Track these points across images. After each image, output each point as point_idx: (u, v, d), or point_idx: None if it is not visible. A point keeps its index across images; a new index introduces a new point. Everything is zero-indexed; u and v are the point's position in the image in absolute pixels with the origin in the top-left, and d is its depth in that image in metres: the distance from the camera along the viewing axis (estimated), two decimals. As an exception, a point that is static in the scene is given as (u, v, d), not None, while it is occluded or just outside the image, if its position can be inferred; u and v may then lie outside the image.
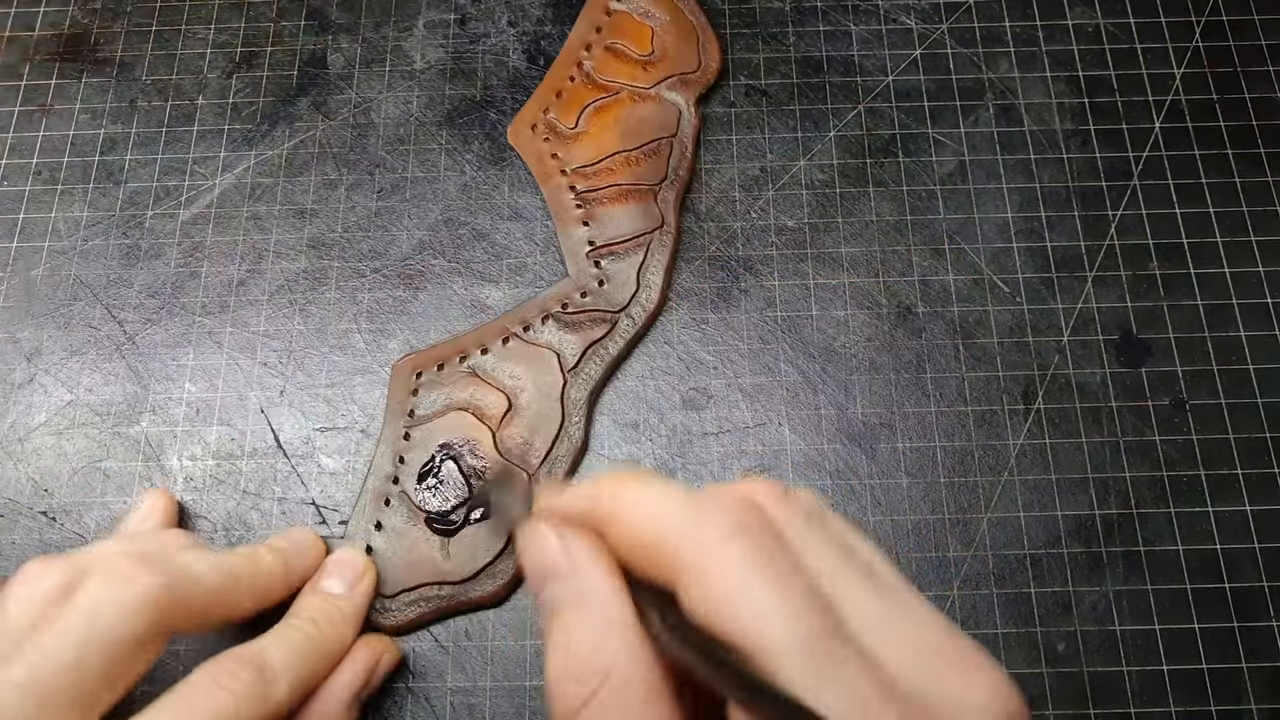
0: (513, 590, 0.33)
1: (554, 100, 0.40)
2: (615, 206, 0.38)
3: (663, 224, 0.38)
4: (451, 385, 0.35)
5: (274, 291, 0.38)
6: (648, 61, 0.40)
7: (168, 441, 0.36)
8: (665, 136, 0.39)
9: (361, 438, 0.35)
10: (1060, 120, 0.40)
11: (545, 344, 0.36)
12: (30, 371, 0.37)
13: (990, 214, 0.38)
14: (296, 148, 0.40)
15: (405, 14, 0.43)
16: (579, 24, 0.42)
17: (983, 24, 0.42)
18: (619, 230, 0.38)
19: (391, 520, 0.34)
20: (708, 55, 0.41)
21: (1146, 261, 0.37)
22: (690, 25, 0.41)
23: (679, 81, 0.40)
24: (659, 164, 0.39)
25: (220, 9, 0.43)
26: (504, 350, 0.36)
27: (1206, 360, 0.36)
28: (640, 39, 0.41)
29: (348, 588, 0.31)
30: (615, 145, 0.39)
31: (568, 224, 0.38)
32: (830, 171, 0.39)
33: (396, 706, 0.32)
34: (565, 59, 0.41)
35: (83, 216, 0.39)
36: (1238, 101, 0.40)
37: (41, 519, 0.35)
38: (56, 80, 0.42)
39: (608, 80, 0.40)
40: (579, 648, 0.19)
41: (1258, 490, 0.34)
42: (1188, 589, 0.33)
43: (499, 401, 0.35)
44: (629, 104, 0.40)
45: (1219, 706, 0.32)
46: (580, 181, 0.38)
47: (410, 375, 0.36)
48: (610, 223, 0.38)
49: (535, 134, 0.40)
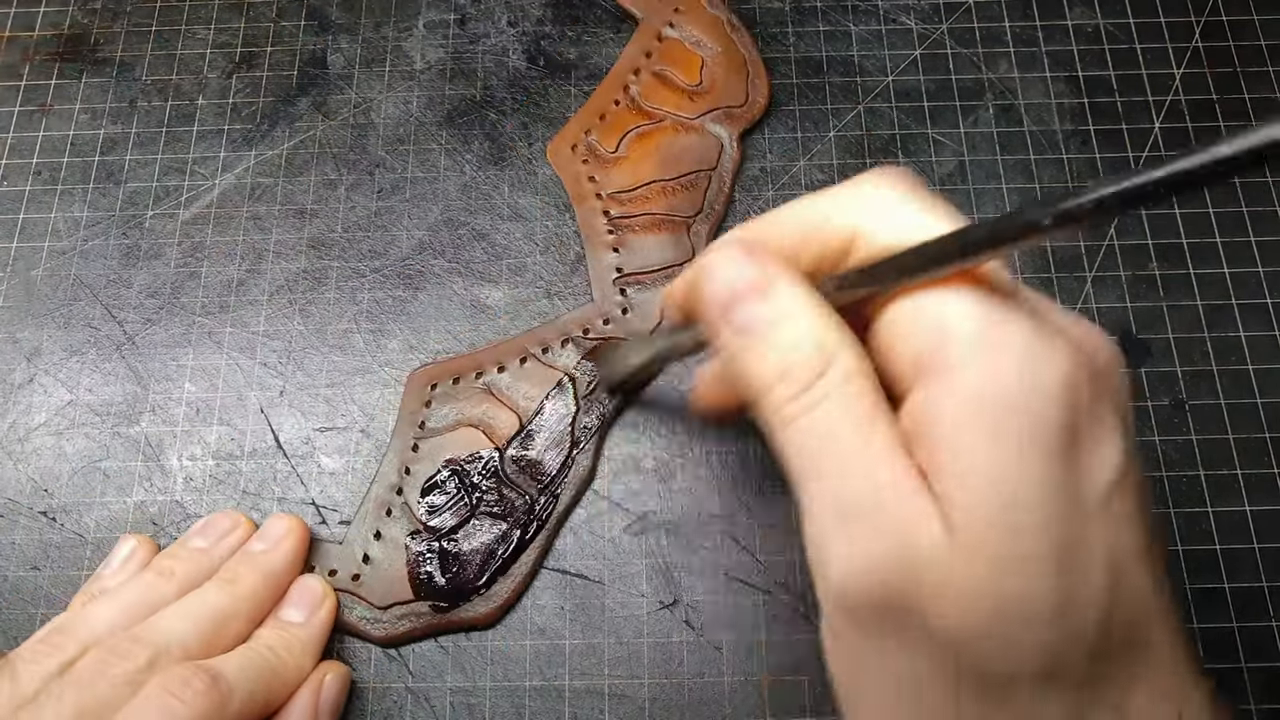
0: (505, 612, 0.33)
1: (597, 122, 0.40)
2: (647, 235, 0.38)
3: (693, 257, 0.37)
4: (465, 400, 0.35)
5: (274, 291, 0.38)
6: (695, 92, 0.40)
7: (168, 441, 0.36)
8: (705, 169, 0.39)
9: (361, 438, 0.36)
10: (1060, 120, 0.40)
11: (562, 368, 0.36)
12: (30, 371, 0.37)
13: (990, 214, 0.38)
14: (296, 148, 0.40)
15: (405, 14, 0.43)
16: (629, 47, 0.41)
17: (983, 24, 0.42)
18: (648, 260, 0.37)
19: (391, 531, 0.34)
20: (756, 90, 0.40)
21: (1146, 262, 0.37)
22: (741, 59, 0.41)
23: (724, 115, 0.40)
24: (695, 197, 0.38)
25: (220, 9, 0.43)
26: (520, 370, 0.36)
27: (1206, 360, 0.36)
28: (690, 68, 0.40)
29: (306, 616, 0.31)
30: (653, 174, 0.39)
31: (598, 248, 0.38)
32: (830, 171, 0.39)
33: (396, 706, 0.32)
34: (612, 81, 0.40)
35: (83, 216, 0.39)
36: (1237, 101, 0.40)
37: (41, 519, 0.35)
38: (56, 80, 0.42)
39: (653, 107, 0.40)
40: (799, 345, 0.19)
41: (1257, 490, 0.34)
42: (1187, 589, 0.33)
43: (510, 421, 0.35)
44: (672, 133, 0.39)
45: (1219, 706, 0.32)
46: (615, 207, 0.38)
47: (425, 386, 0.36)
48: (640, 251, 0.37)
49: (575, 154, 0.39)
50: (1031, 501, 0.17)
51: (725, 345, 0.21)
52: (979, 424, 0.17)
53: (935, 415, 0.18)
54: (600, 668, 0.32)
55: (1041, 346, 0.18)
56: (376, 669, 0.32)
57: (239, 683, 0.27)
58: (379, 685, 0.32)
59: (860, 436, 0.19)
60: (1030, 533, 0.17)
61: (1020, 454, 0.17)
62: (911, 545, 0.18)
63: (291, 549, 0.32)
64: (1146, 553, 0.19)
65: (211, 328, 0.37)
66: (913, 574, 0.18)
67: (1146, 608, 0.19)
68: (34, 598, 0.34)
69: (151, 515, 0.35)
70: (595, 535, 0.34)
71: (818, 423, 0.19)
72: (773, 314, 0.20)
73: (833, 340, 0.20)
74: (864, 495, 0.18)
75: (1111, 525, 0.18)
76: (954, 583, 0.17)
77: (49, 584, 0.34)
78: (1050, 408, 0.17)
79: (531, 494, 0.34)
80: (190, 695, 0.26)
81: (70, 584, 0.34)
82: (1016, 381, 0.17)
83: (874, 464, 0.19)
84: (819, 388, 0.19)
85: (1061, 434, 0.17)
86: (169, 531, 0.34)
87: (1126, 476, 0.18)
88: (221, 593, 0.30)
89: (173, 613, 0.29)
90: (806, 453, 0.19)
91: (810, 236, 0.21)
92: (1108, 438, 0.18)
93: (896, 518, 0.18)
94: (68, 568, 0.34)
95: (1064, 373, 0.18)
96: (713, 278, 0.21)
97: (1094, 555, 0.18)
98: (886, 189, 0.21)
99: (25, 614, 0.33)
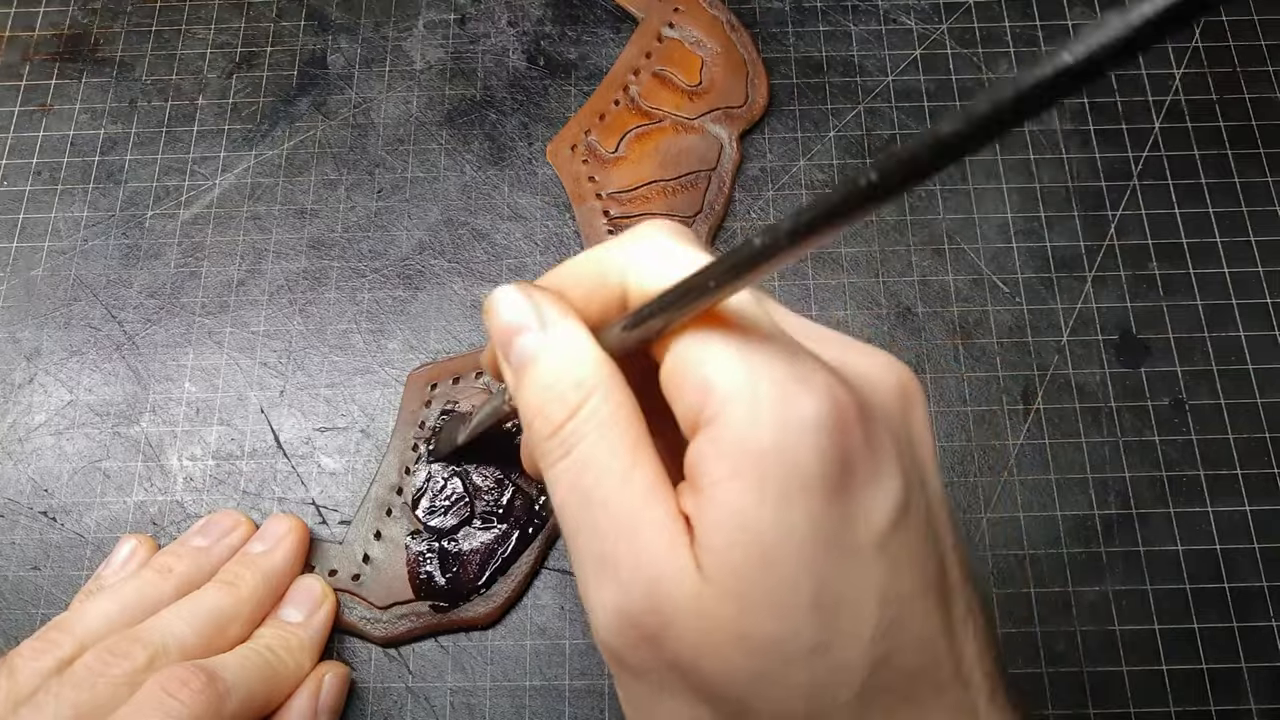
0: (505, 612, 0.33)
1: (596, 122, 0.40)
2: None
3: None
4: (465, 400, 0.35)
5: (274, 291, 0.38)
6: (695, 92, 0.40)
7: (168, 441, 0.36)
8: (704, 170, 0.39)
9: (361, 438, 0.36)
10: (1060, 120, 0.40)
11: None
12: (30, 371, 0.37)
13: (990, 214, 0.38)
14: (296, 148, 0.40)
15: (405, 14, 0.43)
16: (629, 47, 0.41)
17: (983, 24, 0.42)
18: None
19: (391, 531, 0.34)
20: (756, 91, 0.40)
21: (1146, 261, 0.37)
22: (741, 59, 0.41)
23: (724, 115, 0.40)
24: (694, 197, 0.38)
25: (220, 9, 0.43)
26: None
27: (1206, 360, 0.36)
28: (689, 69, 0.41)
29: (306, 616, 0.31)
30: (653, 174, 0.39)
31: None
32: (830, 171, 0.39)
33: (396, 707, 0.32)
34: (611, 81, 0.41)
35: (83, 216, 0.39)
36: (1237, 101, 0.40)
37: (42, 519, 0.35)
38: (56, 80, 0.42)
39: (652, 107, 0.40)
40: (561, 375, 0.20)
41: (1257, 490, 0.34)
42: (1187, 589, 0.33)
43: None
44: (671, 133, 0.39)
45: (1218, 706, 0.32)
46: (614, 207, 0.38)
47: (425, 386, 0.36)
48: None
49: (574, 154, 0.39)
50: (783, 545, 0.17)
51: (508, 382, 0.21)
52: (735, 472, 0.17)
53: (700, 466, 0.18)
54: (600, 668, 0.32)
55: (797, 390, 0.17)
56: (376, 669, 0.32)
57: (237, 682, 0.27)
58: (379, 685, 0.32)
59: (617, 479, 0.18)
60: (781, 576, 0.17)
61: (774, 499, 0.17)
62: (663, 592, 0.18)
63: (291, 549, 0.32)
64: (933, 590, 0.18)
65: (211, 328, 0.37)
66: (666, 620, 0.18)
67: (932, 648, 0.18)
68: (34, 598, 0.34)
69: (151, 515, 0.35)
70: (595, 535, 0.34)
71: (575, 464, 0.19)
72: (539, 345, 0.20)
73: (592, 376, 0.19)
74: (619, 541, 0.18)
75: (886, 565, 0.18)
76: (707, 628, 0.17)
77: (49, 584, 0.34)
78: (804, 452, 0.17)
79: (531, 493, 0.34)
80: (188, 694, 0.26)
81: (70, 584, 0.34)
82: (769, 429, 0.17)
83: (630, 509, 0.18)
84: (575, 426, 0.19)
85: (820, 477, 0.17)
86: (169, 531, 0.34)
87: (907, 514, 0.18)
88: (221, 593, 0.30)
89: (172, 613, 0.29)
90: (569, 492, 0.19)
91: (592, 289, 0.21)
92: (885, 475, 0.18)
93: (649, 564, 0.18)
94: (68, 568, 0.34)
95: (819, 415, 0.17)
96: (494, 314, 0.21)
97: (861, 596, 0.17)
98: (653, 240, 0.20)
99: (25, 614, 0.33)
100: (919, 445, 0.20)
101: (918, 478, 0.19)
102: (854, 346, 0.20)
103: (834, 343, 0.20)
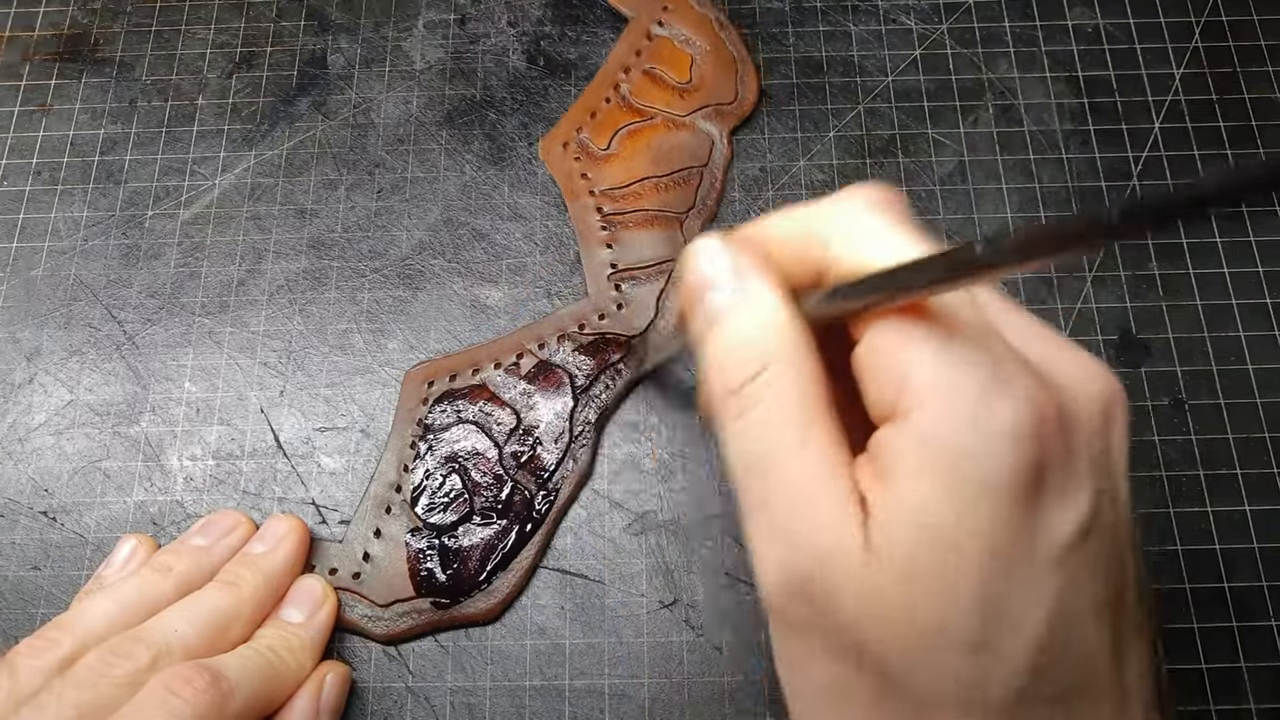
0: (506, 608, 0.33)
1: (588, 120, 0.40)
2: (640, 231, 0.38)
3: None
4: (463, 397, 0.35)
5: (274, 291, 0.38)
6: (685, 89, 0.40)
7: (168, 441, 0.36)
8: (696, 166, 0.39)
9: (361, 438, 0.36)
10: (1060, 120, 0.40)
11: (559, 363, 0.36)
12: (30, 371, 0.37)
13: (990, 214, 0.38)
14: (296, 148, 0.40)
15: (405, 14, 0.43)
16: (619, 45, 0.41)
17: (983, 24, 0.42)
18: (642, 255, 0.37)
19: (391, 529, 0.34)
20: (745, 87, 0.40)
21: (1146, 261, 0.37)
22: (730, 56, 0.41)
23: (714, 112, 0.40)
24: (687, 193, 0.38)
25: (220, 9, 0.43)
26: (517, 366, 0.36)
27: (1206, 360, 0.36)
28: (679, 66, 0.41)
29: (307, 616, 0.31)
30: (645, 170, 0.39)
31: (591, 244, 0.38)
32: (830, 172, 0.39)
33: (396, 706, 0.32)
34: (602, 79, 0.41)
35: (83, 216, 0.39)
36: (1237, 102, 0.40)
37: (42, 519, 0.35)
38: (56, 80, 0.42)
39: (644, 105, 0.40)
40: (748, 336, 0.20)
41: (1257, 490, 0.34)
42: (1187, 589, 0.33)
43: (508, 417, 0.35)
44: (663, 130, 0.40)
45: (1219, 706, 0.32)
46: (608, 203, 0.38)
47: (422, 384, 0.36)
48: (634, 247, 0.38)
49: (566, 152, 0.39)
50: (961, 543, 0.17)
51: (696, 332, 0.21)
52: (923, 470, 0.17)
53: (887, 454, 0.18)
54: (600, 668, 0.32)
55: (997, 393, 0.17)
56: (377, 668, 0.32)
57: (240, 682, 0.27)
58: (379, 685, 0.32)
59: (790, 449, 0.19)
60: (954, 570, 0.17)
61: (960, 501, 0.17)
62: (829, 559, 0.18)
63: (292, 549, 0.32)
64: (1107, 609, 0.18)
65: (211, 328, 0.37)
66: (833, 587, 0.18)
67: (1095, 665, 0.18)
68: (34, 598, 0.34)
69: (151, 515, 0.35)
70: (595, 535, 0.34)
71: (753, 425, 0.19)
72: (734, 303, 0.20)
73: (776, 341, 0.19)
74: (789, 509, 0.18)
75: (1063, 578, 0.17)
76: (873, 600, 0.18)
77: (49, 584, 0.34)
78: (997, 459, 0.17)
79: (530, 489, 0.34)
80: (192, 693, 0.26)
81: (70, 584, 0.34)
82: (964, 433, 0.17)
83: (801, 479, 0.18)
84: (753, 390, 0.19)
85: (1010, 485, 0.17)
86: (169, 531, 0.34)
87: (1093, 530, 0.18)
88: (223, 594, 0.30)
89: (174, 613, 0.29)
90: (741, 454, 0.19)
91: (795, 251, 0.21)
92: (1076, 487, 0.18)
93: (819, 534, 0.18)
94: (68, 568, 0.34)
95: (1017, 421, 0.17)
96: (691, 265, 0.21)
97: (1030, 605, 0.17)
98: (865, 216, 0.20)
99: (25, 614, 0.33)
100: (1115, 460, 0.19)
101: (1109, 494, 0.18)
102: (1066, 349, 0.20)
103: (1045, 341, 0.20)
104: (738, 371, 0.19)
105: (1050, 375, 0.18)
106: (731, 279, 0.20)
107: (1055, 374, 0.19)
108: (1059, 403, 0.18)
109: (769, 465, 0.19)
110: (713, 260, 0.21)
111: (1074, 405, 0.18)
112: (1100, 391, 0.19)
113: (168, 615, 0.29)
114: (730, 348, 0.20)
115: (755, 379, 0.19)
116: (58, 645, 0.28)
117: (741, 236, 0.22)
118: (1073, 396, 0.19)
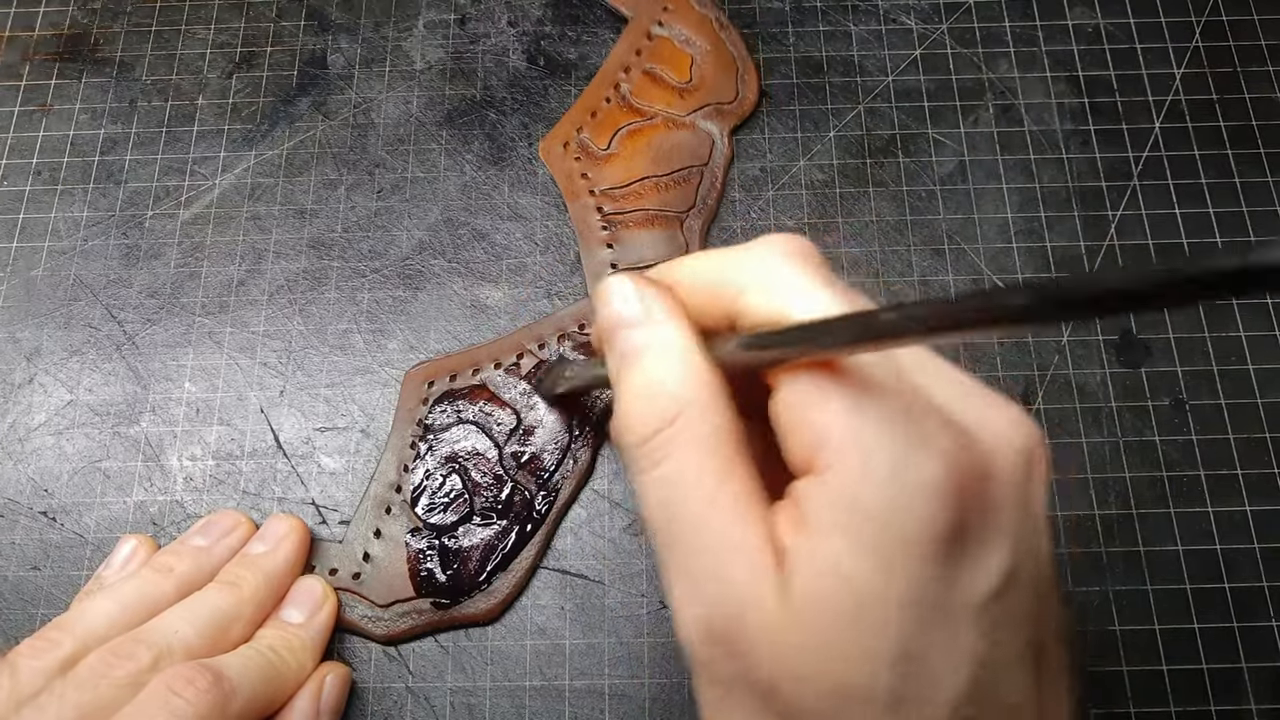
0: (506, 608, 0.33)
1: (588, 120, 0.40)
2: (640, 231, 0.38)
3: (686, 252, 0.37)
4: (462, 397, 0.35)
5: (274, 291, 0.38)
6: (685, 89, 0.40)
7: (168, 441, 0.36)
8: (696, 165, 0.39)
9: (361, 438, 0.36)
10: (1060, 120, 0.40)
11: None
12: (30, 371, 0.37)
13: (990, 214, 0.38)
14: (296, 148, 0.40)
15: (405, 14, 0.43)
16: (619, 45, 0.41)
17: (983, 24, 0.42)
18: (642, 255, 0.37)
19: (391, 529, 0.34)
20: (745, 87, 0.40)
21: (1146, 262, 0.37)
22: (730, 56, 0.41)
23: (715, 111, 0.40)
24: (688, 192, 0.38)
25: (220, 9, 0.43)
26: (517, 366, 0.36)
27: (1206, 360, 0.36)
28: (679, 66, 0.41)
29: (307, 617, 0.31)
30: (646, 170, 0.39)
31: (592, 244, 0.38)
32: (830, 171, 0.39)
33: (396, 706, 0.32)
34: (602, 79, 0.41)
35: (83, 216, 0.39)
36: (1237, 101, 0.40)
37: (42, 519, 0.35)
38: (56, 80, 0.42)
39: (644, 105, 0.40)
40: (658, 383, 0.19)
41: (1257, 490, 0.34)
42: (1187, 589, 0.33)
43: (508, 417, 0.35)
44: (663, 130, 0.39)
45: (1219, 706, 0.32)
46: (608, 203, 0.38)
47: (422, 384, 0.36)
48: (634, 247, 0.38)
49: (567, 152, 0.39)
50: (877, 598, 0.17)
51: (610, 370, 0.21)
52: (840, 526, 0.17)
53: (805, 506, 0.18)
54: (600, 668, 0.32)
55: (915, 450, 0.17)
56: (377, 669, 0.32)
57: (241, 682, 0.27)
58: (379, 685, 0.32)
59: (704, 500, 0.18)
60: (869, 626, 0.17)
61: (876, 556, 0.17)
62: (744, 615, 0.18)
63: (292, 550, 0.32)
64: (1030, 656, 0.18)
65: (211, 328, 0.37)
66: (749, 643, 0.18)
67: (1018, 715, 0.18)
68: (34, 598, 0.34)
69: (151, 515, 0.35)
70: (595, 535, 0.34)
71: (666, 477, 0.19)
72: (643, 343, 0.20)
73: (690, 388, 0.19)
74: (703, 560, 0.18)
75: (983, 630, 0.17)
76: (788, 656, 0.17)
77: (49, 584, 0.34)
78: (915, 517, 0.17)
79: (530, 489, 0.34)
80: (193, 693, 0.26)
81: (70, 584, 0.34)
82: (882, 490, 0.17)
83: (716, 531, 0.18)
84: (667, 438, 0.19)
85: (928, 542, 0.17)
86: (169, 531, 0.34)
87: (1013, 582, 0.18)
88: (223, 594, 0.30)
89: (175, 614, 0.29)
90: (655, 506, 0.19)
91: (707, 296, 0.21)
92: (996, 540, 0.18)
93: (733, 587, 0.18)
94: (68, 568, 0.34)
95: (935, 478, 0.17)
96: (603, 304, 0.21)
97: (950, 658, 0.17)
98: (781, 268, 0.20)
99: (25, 614, 0.33)
100: (1035, 509, 0.19)
101: (1030, 545, 0.18)
102: (985, 399, 0.19)
103: (964, 391, 0.19)
104: (652, 419, 0.19)
105: (969, 427, 0.18)
106: (644, 318, 0.20)
107: (974, 425, 0.18)
108: (978, 456, 0.18)
109: (683, 519, 0.19)
110: (625, 299, 0.21)
111: (993, 457, 0.18)
112: (1021, 442, 0.19)
113: (168, 616, 0.29)
114: (641, 393, 0.20)
115: (669, 426, 0.19)
116: (59, 646, 0.28)
117: (654, 277, 0.21)
118: (993, 448, 0.18)
